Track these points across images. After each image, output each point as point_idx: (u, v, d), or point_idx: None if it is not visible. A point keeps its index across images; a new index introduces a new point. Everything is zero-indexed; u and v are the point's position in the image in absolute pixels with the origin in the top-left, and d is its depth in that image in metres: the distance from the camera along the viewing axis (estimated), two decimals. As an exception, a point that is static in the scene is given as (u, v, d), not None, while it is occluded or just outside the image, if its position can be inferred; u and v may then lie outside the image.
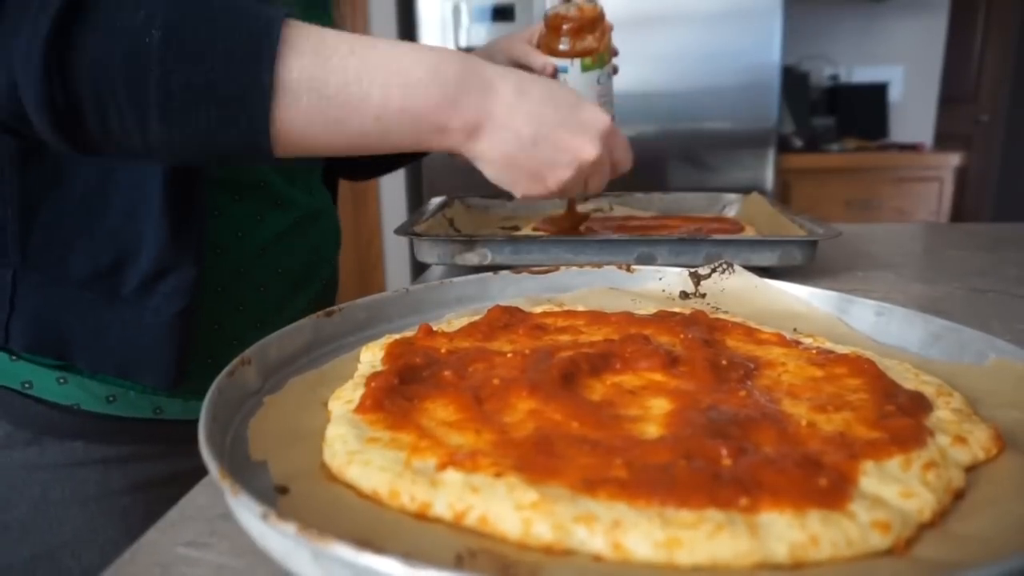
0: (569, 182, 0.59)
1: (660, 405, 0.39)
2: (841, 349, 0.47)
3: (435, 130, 0.52)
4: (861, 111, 2.86)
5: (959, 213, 2.70)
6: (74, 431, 0.60)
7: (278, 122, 0.46)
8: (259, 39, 0.45)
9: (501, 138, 0.54)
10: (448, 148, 0.55)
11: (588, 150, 0.58)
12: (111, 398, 0.61)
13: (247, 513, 0.27)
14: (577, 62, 0.82)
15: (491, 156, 0.56)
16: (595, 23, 0.83)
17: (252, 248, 0.66)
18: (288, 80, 0.46)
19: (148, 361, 0.58)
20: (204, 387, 0.65)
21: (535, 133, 0.55)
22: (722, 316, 0.55)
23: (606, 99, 0.84)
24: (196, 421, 0.62)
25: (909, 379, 0.43)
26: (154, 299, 0.57)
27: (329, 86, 0.47)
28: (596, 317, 0.53)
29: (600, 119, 0.59)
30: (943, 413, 0.38)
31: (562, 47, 0.83)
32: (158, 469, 0.63)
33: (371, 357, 0.46)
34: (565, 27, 0.82)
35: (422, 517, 0.30)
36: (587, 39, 0.83)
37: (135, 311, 0.58)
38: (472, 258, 0.78)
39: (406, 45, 0.51)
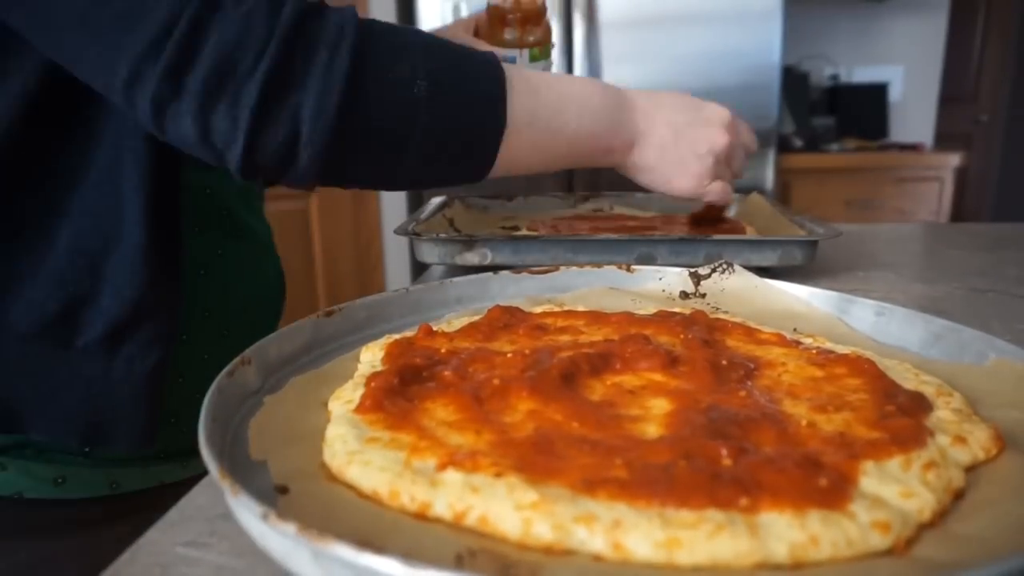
0: (711, 168, 0.68)
1: (660, 405, 0.39)
2: (841, 349, 0.47)
3: (605, 150, 0.62)
4: (861, 111, 2.86)
5: (959, 213, 2.70)
6: (18, 529, 0.52)
7: (503, 152, 0.53)
8: (492, 81, 0.51)
9: (649, 145, 0.65)
10: (609, 164, 0.65)
11: (719, 138, 0.67)
12: (60, 480, 0.53)
13: (247, 513, 0.27)
14: (526, 53, 0.84)
15: (644, 163, 0.66)
16: (540, 15, 0.85)
17: (215, 286, 0.60)
18: (514, 116, 0.53)
19: (119, 422, 0.51)
20: (165, 450, 0.58)
21: (674, 135, 0.65)
22: (722, 316, 0.55)
23: None
24: (155, 488, 0.56)
25: (909, 379, 0.43)
26: (125, 350, 0.51)
27: (540, 118, 0.55)
28: (596, 317, 0.53)
29: (722, 112, 0.69)
30: (943, 413, 0.38)
31: (509, 37, 0.84)
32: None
33: (371, 357, 0.46)
34: (511, 17, 0.83)
35: (422, 517, 0.30)
36: (535, 30, 0.84)
37: (100, 365, 0.50)
38: (472, 258, 0.78)
39: (571, 77, 0.62)
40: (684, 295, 0.62)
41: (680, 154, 0.66)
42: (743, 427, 0.35)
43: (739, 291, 0.61)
